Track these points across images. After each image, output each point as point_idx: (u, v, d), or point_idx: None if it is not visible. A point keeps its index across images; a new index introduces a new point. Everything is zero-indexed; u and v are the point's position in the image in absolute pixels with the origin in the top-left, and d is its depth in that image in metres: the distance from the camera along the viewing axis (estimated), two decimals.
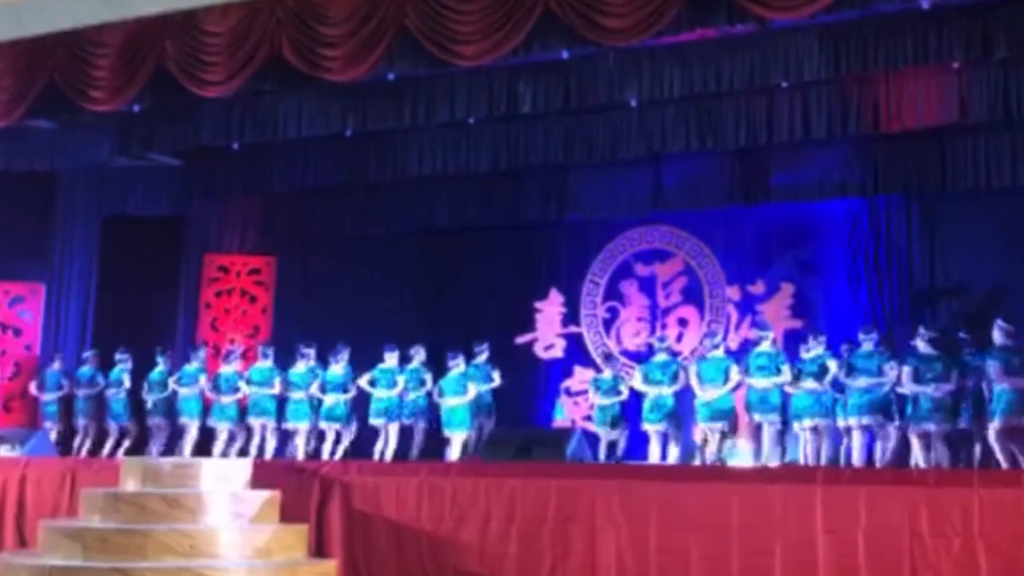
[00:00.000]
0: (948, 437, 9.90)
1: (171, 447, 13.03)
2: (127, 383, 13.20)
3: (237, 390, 12.66)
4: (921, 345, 10.05)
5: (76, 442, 13.36)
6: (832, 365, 10.25)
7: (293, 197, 14.87)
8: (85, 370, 13.57)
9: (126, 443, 13.15)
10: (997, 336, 9.57)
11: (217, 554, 9.19)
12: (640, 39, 9.85)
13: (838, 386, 10.41)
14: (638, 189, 13.69)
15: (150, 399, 13.02)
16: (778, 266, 13.71)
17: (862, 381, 10.10)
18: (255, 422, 12.55)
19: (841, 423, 10.40)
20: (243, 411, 12.71)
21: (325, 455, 12.01)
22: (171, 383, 12.92)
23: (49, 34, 11.19)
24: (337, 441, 12.27)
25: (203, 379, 12.88)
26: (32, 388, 13.89)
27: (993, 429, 9.35)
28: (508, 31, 9.75)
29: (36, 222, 14.98)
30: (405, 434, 12.03)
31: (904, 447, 10.17)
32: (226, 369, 12.86)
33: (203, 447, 12.82)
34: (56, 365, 13.83)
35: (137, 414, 13.27)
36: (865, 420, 10.13)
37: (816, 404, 10.34)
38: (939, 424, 9.73)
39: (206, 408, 12.90)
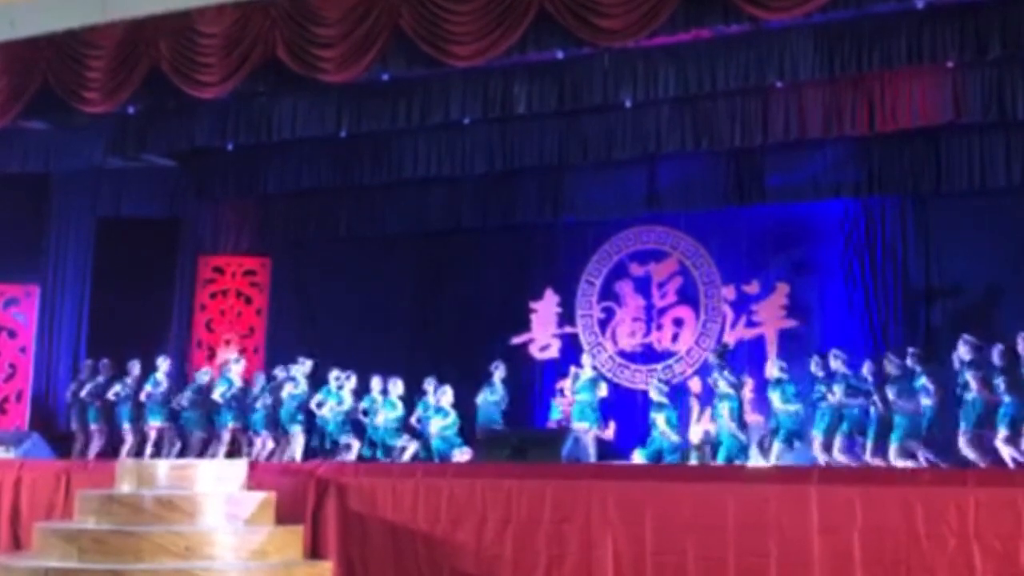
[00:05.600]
0: None
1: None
2: (84, 392, 13.18)
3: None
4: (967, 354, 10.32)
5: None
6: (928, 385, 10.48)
7: (288, 198, 14.85)
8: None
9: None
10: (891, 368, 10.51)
11: (212, 555, 9.18)
12: (635, 39, 9.90)
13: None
14: (633, 189, 13.70)
15: (150, 404, 12.98)
16: (773, 266, 13.69)
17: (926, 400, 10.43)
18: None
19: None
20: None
21: None
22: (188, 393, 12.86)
23: (43, 35, 11.20)
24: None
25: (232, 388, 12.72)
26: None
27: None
28: (503, 32, 9.78)
29: (30, 224, 14.97)
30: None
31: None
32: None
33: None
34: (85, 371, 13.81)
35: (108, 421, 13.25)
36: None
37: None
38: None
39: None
